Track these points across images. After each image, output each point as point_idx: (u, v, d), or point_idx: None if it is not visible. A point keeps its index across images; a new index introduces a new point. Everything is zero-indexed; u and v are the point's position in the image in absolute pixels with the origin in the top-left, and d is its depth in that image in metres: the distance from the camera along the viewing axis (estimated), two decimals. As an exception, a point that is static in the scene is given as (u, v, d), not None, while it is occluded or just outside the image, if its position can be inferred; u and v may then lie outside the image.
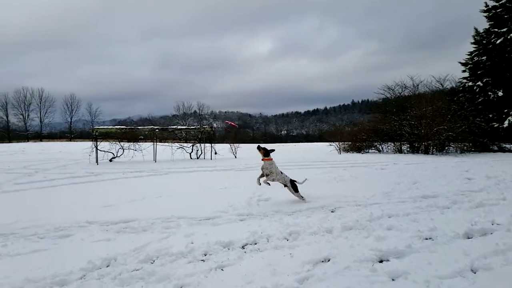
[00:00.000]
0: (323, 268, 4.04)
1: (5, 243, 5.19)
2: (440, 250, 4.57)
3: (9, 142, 68.52)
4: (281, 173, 7.60)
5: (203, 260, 4.38)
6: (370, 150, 30.13)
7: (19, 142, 67.54)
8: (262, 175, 7.60)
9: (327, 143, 34.86)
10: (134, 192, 9.42)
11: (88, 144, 20.37)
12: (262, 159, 7.54)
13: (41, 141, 72.74)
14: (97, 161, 18.32)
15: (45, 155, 26.95)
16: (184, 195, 9.00)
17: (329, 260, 4.27)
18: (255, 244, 5.00)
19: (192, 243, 4.98)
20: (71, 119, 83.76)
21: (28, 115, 78.74)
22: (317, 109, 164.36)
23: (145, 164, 17.60)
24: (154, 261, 4.38)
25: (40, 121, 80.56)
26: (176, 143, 22.73)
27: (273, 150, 7.69)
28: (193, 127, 25.16)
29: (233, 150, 22.82)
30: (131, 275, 3.89)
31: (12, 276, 3.93)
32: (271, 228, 5.74)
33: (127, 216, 6.49)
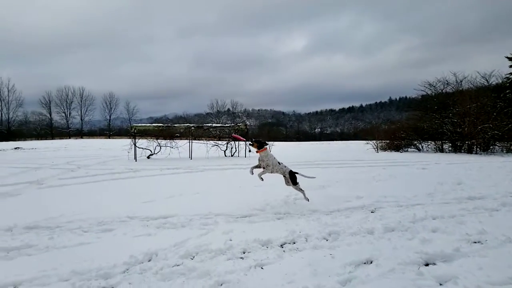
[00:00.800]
0: (366, 270, 3.91)
1: (51, 236, 5.43)
2: (491, 255, 4.30)
3: (52, 139, 72.33)
4: (279, 163, 7.28)
5: (242, 258, 4.36)
6: (409, 149, 29.11)
7: (61, 139, 71.11)
8: (257, 166, 7.23)
9: (364, 142, 34.06)
10: (171, 188, 9.59)
11: (126, 141, 21.06)
12: (257, 152, 7.17)
13: (81, 138, 76.27)
14: (135, 158, 18.92)
15: (86, 152, 28.17)
16: (220, 192, 9.07)
17: (371, 262, 4.13)
18: (294, 243, 4.92)
19: (231, 240, 4.98)
20: (110, 117, 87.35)
21: (69, 113, 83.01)
22: (352, 106, 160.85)
23: (181, 161, 17.95)
24: (194, 257, 4.41)
25: (81, 119, 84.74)
26: (211, 141, 23.04)
27: (266, 143, 7.37)
28: (228, 125, 25.35)
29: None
30: (172, 270, 3.94)
31: (59, 268, 4.09)
32: (309, 227, 5.64)
33: (166, 212, 6.62)
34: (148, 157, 20.10)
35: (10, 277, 3.84)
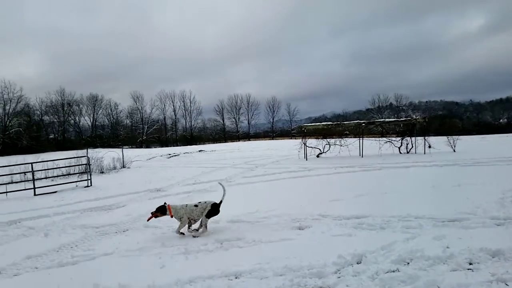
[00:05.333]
0: None
1: (253, 229, 5.91)
2: None
3: (225, 142, 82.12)
4: (196, 206, 6.16)
5: (471, 270, 3.77)
6: None
7: (232, 141, 80.00)
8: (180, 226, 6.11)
9: None
10: (354, 187, 9.40)
11: (290, 142, 21.96)
12: (171, 216, 6.07)
13: (249, 140, 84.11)
14: (306, 157, 19.56)
15: (256, 152, 30.71)
16: (409, 192, 8.38)
17: None
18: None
19: (448, 247, 4.40)
20: (272, 119, 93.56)
21: (238, 118, 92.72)
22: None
23: (352, 159, 17.63)
24: (408, 263, 4.06)
25: (248, 123, 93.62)
26: (383, 137, 21.91)
27: (164, 204, 6.16)
28: (403, 119, 23.70)
29: (451, 143, 20.22)
30: (391, 277, 3.68)
31: (271, 262, 4.34)
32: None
33: (358, 212, 6.43)
34: (318, 156, 20.48)
35: (231, 267, 4.26)
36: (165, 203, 6.18)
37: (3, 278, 4.61)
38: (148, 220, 6.24)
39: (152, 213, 6.04)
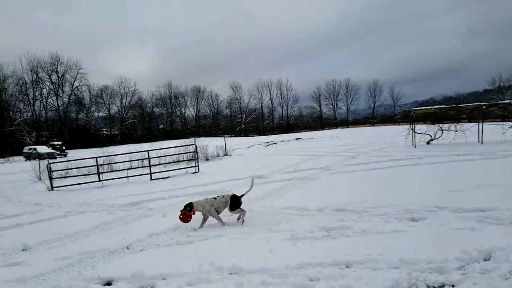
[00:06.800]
0: None
1: (361, 220, 5.75)
2: None
3: (322, 129, 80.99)
4: (215, 199, 6.53)
5: None
6: None
7: (330, 129, 78.49)
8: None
9: None
10: (476, 176, 8.52)
11: (392, 128, 20.58)
12: (194, 212, 6.34)
13: (347, 127, 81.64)
14: (414, 144, 18.26)
15: (356, 140, 29.68)
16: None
17: None
18: None
19: None
20: (374, 105, 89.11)
21: (336, 104, 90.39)
22: None
23: (469, 146, 15.88)
24: (551, 265, 3.54)
25: (347, 109, 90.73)
26: (507, 122, 19.26)
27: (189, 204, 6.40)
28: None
29: None
30: (530, 278, 3.26)
31: (384, 254, 4.17)
32: None
33: (482, 204, 5.82)
34: (428, 143, 18.93)
35: (341, 256, 4.21)
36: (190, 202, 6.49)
37: (131, 253, 5.24)
38: (183, 221, 6.29)
39: (181, 211, 6.34)
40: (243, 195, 6.60)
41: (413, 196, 6.90)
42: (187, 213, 6.32)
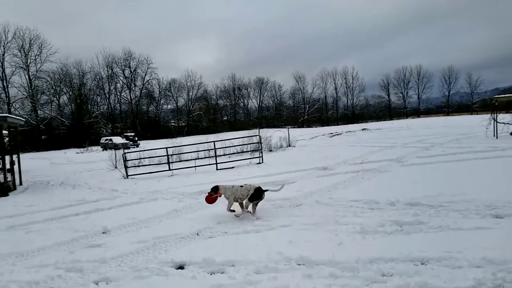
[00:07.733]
0: None
1: (438, 215, 5.42)
2: None
3: (391, 119, 77.41)
4: (241, 187, 6.64)
5: None
6: None
7: (399, 119, 74.76)
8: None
9: None
10: None
11: (470, 118, 18.98)
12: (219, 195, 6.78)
13: (418, 117, 77.20)
14: (495, 135, 16.76)
15: (429, 130, 27.97)
16: None
17: None
18: None
19: None
20: (448, 93, 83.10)
21: (407, 93, 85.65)
22: None
23: (562, 137, 14.26)
24: None
25: (418, 98, 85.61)
26: None
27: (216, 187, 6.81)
28: None
29: None
30: None
31: (464, 251, 3.91)
32: None
33: None
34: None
35: (415, 252, 4.01)
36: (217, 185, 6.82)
37: (201, 239, 5.45)
38: (208, 202, 6.78)
39: (208, 193, 6.75)
40: (267, 190, 6.65)
41: (497, 191, 6.36)
42: (213, 194, 6.73)
